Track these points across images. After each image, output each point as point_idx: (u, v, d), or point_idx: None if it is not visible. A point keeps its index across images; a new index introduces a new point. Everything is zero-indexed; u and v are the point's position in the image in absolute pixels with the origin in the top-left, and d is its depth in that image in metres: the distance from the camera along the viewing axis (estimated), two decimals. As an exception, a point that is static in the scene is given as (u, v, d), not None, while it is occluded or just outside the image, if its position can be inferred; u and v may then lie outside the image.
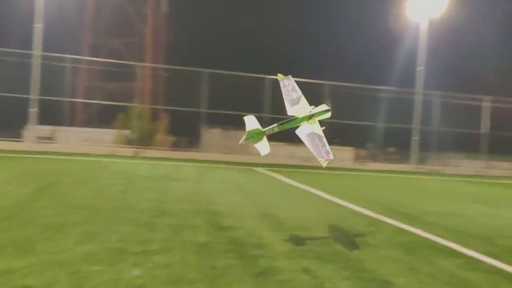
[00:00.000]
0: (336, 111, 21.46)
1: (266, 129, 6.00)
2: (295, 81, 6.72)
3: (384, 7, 37.02)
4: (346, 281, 4.56)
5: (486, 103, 28.09)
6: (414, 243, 6.60)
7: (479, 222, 9.22)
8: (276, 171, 18.26)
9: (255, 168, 19.07)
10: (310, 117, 5.96)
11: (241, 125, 6.30)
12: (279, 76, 6.52)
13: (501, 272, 5.49)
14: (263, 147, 6.00)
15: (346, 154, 25.40)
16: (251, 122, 6.14)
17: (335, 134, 23.15)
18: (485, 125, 27.99)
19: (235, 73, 24.75)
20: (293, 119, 6.02)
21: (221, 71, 24.57)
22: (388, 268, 5.18)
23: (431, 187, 17.55)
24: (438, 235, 7.18)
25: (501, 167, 27.33)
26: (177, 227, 6.26)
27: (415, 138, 26.43)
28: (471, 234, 7.74)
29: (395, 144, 28.47)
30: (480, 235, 7.72)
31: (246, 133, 5.95)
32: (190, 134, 25.71)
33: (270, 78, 24.61)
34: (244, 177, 15.29)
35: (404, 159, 27.16)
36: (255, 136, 5.97)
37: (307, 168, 21.19)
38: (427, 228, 7.68)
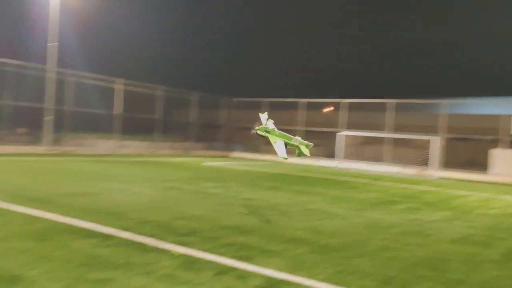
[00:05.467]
0: None
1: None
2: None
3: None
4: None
5: (119, 86, 29.11)
6: (46, 229, 6.33)
7: (111, 199, 9.54)
8: None
9: None
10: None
11: None
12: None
13: (133, 243, 5.79)
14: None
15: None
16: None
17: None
18: (117, 106, 28.95)
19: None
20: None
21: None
22: (17, 261, 4.84)
23: (63, 168, 16.67)
24: (72, 217, 7.17)
25: (132, 146, 29.47)
26: None
27: (48, 118, 24.52)
28: (104, 211, 7.91)
29: (26, 125, 26.06)
30: (112, 211, 7.96)
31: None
32: None
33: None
34: None
35: (37, 140, 25.02)
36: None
37: None
38: (60, 211, 7.55)
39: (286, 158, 8.27)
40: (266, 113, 9.30)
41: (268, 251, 5.92)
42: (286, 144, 8.85)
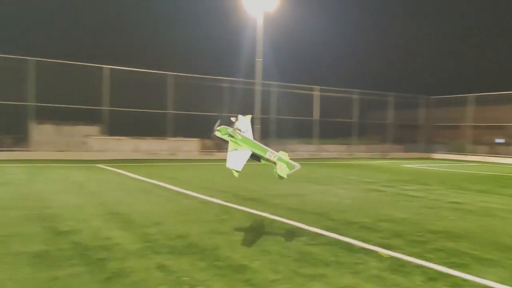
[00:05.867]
0: (180, 102, 26.48)
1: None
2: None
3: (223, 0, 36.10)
4: (203, 272, 4.64)
5: (317, 92, 30.53)
6: (263, 226, 7.09)
7: (316, 200, 10.07)
8: (121, 167, 17.49)
9: (97, 165, 18.16)
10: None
11: (77, 119, 6.14)
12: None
13: (339, 243, 6.04)
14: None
15: (192, 145, 26.09)
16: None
17: (180, 126, 25.86)
18: (316, 112, 30.63)
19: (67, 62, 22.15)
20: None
21: (50, 60, 21.77)
22: (242, 252, 5.39)
23: (272, 171, 13.04)
24: (283, 216, 7.79)
25: (330, 150, 30.76)
26: (5, 238, 5.83)
27: (256, 127, 25.99)
28: (311, 212, 8.40)
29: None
30: (318, 212, 8.38)
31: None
32: (15, 132, 22.35)
33: (108, 67, 22.73)
34: (84, 175, 14.55)
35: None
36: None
37: (153, 162, 21.33)
38: (272, 211, 8.26)
39: (237, 172, 5.95)
40: (250, 116, 7.06)
41: (485, 260, 5.47)
42: (260, 158, 6.53)
